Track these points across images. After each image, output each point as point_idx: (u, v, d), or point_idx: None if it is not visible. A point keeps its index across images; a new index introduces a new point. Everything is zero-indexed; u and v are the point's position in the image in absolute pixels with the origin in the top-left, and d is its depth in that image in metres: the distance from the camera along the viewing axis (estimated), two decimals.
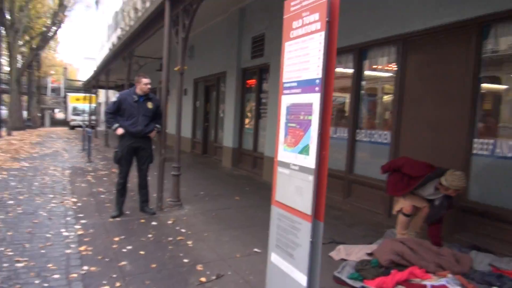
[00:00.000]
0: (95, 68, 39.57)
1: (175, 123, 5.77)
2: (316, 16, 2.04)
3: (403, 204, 4.05)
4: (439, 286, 3.06)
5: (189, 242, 4.18)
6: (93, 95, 20.29)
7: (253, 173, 8.82)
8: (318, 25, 2.03)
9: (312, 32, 2.08)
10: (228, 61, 10.07)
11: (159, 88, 17.15)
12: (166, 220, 4.98)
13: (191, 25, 5.45)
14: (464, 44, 4.42)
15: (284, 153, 2.28)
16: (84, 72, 68.99)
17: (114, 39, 34.73)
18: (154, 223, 4.83)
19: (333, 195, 6.27)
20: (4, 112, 22.97)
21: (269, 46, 8.32)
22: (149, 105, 5.08)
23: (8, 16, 19.71)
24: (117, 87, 22.24)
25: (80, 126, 28.81)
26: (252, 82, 9.48)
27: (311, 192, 2.00)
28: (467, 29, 4.38)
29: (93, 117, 20.61)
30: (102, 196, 6.23)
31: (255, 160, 8.98)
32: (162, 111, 5.35)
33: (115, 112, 5.00)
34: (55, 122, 46.12)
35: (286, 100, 2.28)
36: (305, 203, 2.04)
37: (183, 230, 4.57)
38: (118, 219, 4.98)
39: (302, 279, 2.05)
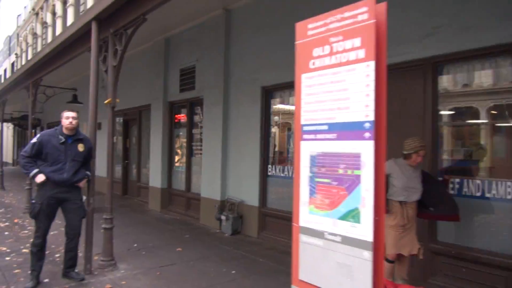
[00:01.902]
0: None
1: (99, 163, 4.88)
2: (356, 42, 1.61)
3: (388, 249, 3.67)
4: None
5: None
6: None
7: (187, 216, 8.00)
8: (361, 53, 1.59)
9: (351, 62, 1.63)
10: (153, 93, 9.28)
11: None
12: (100, 287, 4.01)
13: (125, 51, 4.72)
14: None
15: (311, 217, 1.75)
16: None
17: (7, 65, 31.21)
18: None
19: (287, 239, 5.85)
20: None
21: (201, 79, 7.81)
22: (80, 147, 4.16)
23: None
24: (13, 120, 19.55)
25: None
26: (181, 116, 8.81)
27: (369, 273, 1.48)
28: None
29: None
30: (7, 258, 4.95)
31: (188, 201, 8.19)
32: (94, 154, 4.46)
33: (35, 156, 3.99)
34: None
35: (310, 147, 1.78)
36: None
37: None
38: None
39: None
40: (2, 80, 29.95)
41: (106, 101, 4.71)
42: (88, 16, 4.82)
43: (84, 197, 4.36)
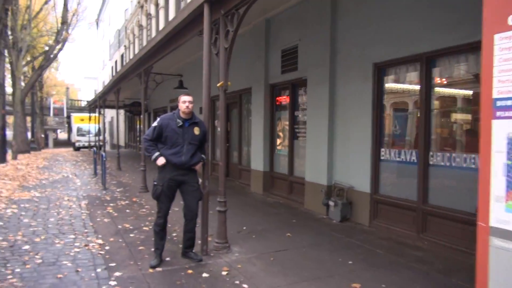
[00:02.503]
0: (96, 88, 39.03)
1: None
2: None
3: None
4: None
5: None
6: (98, 115, 19.41)
7: (290, 199, 7.88)
8: None
9: None
10: (254, 76, 9.25)
11: (170, 108, 16.35)
12: (218, 269, 4.04)
13: (237, 32, 4.61)
14: None
15: (509, 217, 1.38)
16: (85, 92, 68.96)
17: (117, 57, 34.30)
18: (205, 274, 3.90)
19: (403, 229, 5.39)
20: (9, 134, 22.17)
21: (304, 59, 7.50)
22: (196, 131, 4.22)
23: (10, 35, 18.93)
24: (125, 106, 21.42)
25: (85, 147, 28.05)
26: (282, 98, 8.64)
27: None
28: None
29: (101, 137, 19.74)
30: (131, 235, 5.30)
31: (291, 185, 8.06)
32: (208, 138, 4.50)
33: (156, 139, 4.14)
34: (58, 143, 45.52)
35: (509, 128, 1.39)
36: None
37: (245, 286, 3.63)
38: (159, 269, 4.04)
39: None
40: (114, 71, 33.06)
41: (218, 84, 4.68)
42: None
43: (200, 180, 4.42)
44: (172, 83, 12.90)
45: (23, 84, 22.34)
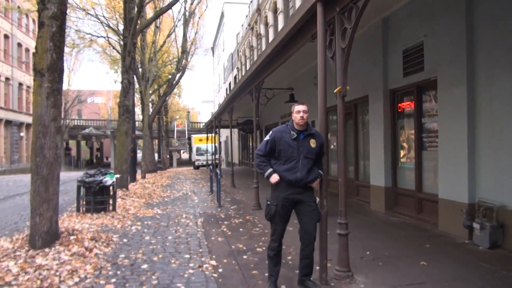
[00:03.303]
0: (213, 110, 41.82)
1: None
2: None
3: None
4: None
5: None
6: (214, 135, 20.39)
7: (419, 220, 6.81)
8: None
9: None
10: (370, 83, 8.46)
11: (281, 123, 16.24)
12: None
13: (356, 30, 4.03)
14: None
15: None
16: (204, 114, 74.46)
17: (230, 79, 36.10)
18: None
19: None
20: (139, 156, 24.68)
21: (432, 57, 6.50)
22: (312, 143, 3.75)
23: (139, 68, 21.20)
24: (238, 125, 22.13)
25: (204, 165, 29.79)
26: (405, 105, 7.67)
27: None
28: None
29: (216, 156, 20.68)
30: (245, 256, 5.00)
31: (420, 202, 6.98)
32: (325, 152, 3.98)
33: (268, 154, 3.77)
34: (181, 162, 49.59)
35: None
36: None
37: None
38: None
39: None
40: (228, 92, 34.85)
41: (335, 90, 4.14)
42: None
43: (317, 199, 3.90)
44: (282, 98, 12.72)
45: (151, 110, 24.78)
